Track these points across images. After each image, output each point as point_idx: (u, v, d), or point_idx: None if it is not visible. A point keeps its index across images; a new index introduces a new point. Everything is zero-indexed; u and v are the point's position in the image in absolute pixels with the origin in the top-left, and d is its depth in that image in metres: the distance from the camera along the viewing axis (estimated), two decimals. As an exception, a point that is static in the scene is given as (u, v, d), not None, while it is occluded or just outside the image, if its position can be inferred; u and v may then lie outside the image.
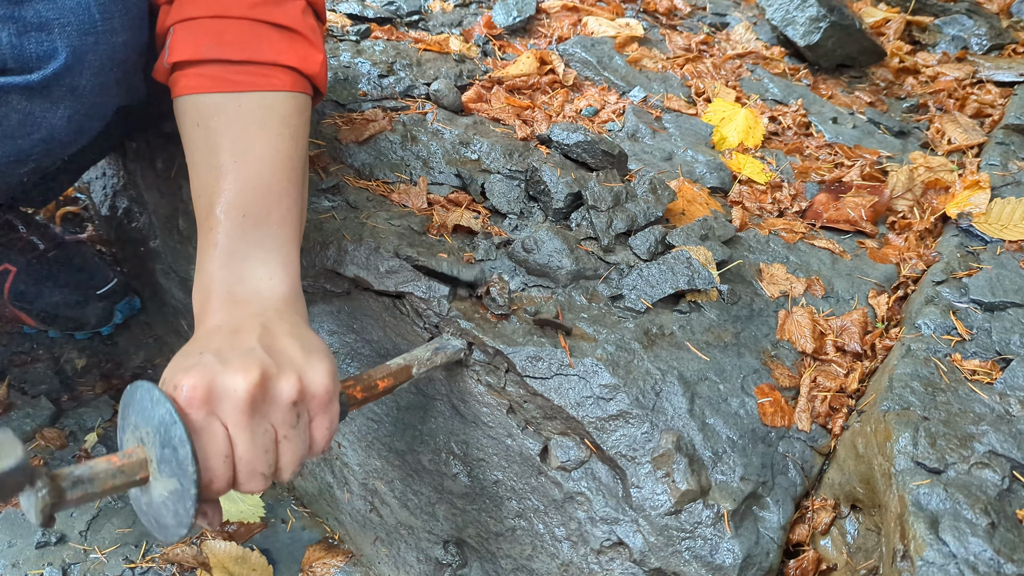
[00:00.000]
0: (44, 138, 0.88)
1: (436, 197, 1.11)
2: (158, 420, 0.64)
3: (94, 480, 0.61)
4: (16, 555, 1.11)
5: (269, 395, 0.68)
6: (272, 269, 0.79)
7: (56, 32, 0.81)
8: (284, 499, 1.26)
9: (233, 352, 0.69)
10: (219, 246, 0.79)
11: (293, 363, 0.71)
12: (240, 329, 0.73)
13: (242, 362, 0.67)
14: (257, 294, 0.78)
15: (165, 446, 0.63)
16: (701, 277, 1.00)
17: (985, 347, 0.98)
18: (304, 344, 0.74)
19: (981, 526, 0.75)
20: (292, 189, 0.83)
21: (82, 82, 0.85)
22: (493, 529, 0.98)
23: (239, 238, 0.79)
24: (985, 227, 1.20)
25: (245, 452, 0.67)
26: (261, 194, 0.81)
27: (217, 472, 0.66)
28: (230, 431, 0.66)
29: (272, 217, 0.81)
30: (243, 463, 0.67)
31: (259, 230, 0.80)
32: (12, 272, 1.32)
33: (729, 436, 0.89)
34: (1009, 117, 1.55)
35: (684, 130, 1.43)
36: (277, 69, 0.85)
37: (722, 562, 0.82)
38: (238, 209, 0.80)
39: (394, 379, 0.85)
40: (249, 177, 0.81)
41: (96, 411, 1.31)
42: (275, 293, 0.79)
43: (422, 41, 1.51)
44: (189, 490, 0.63)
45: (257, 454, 0.68)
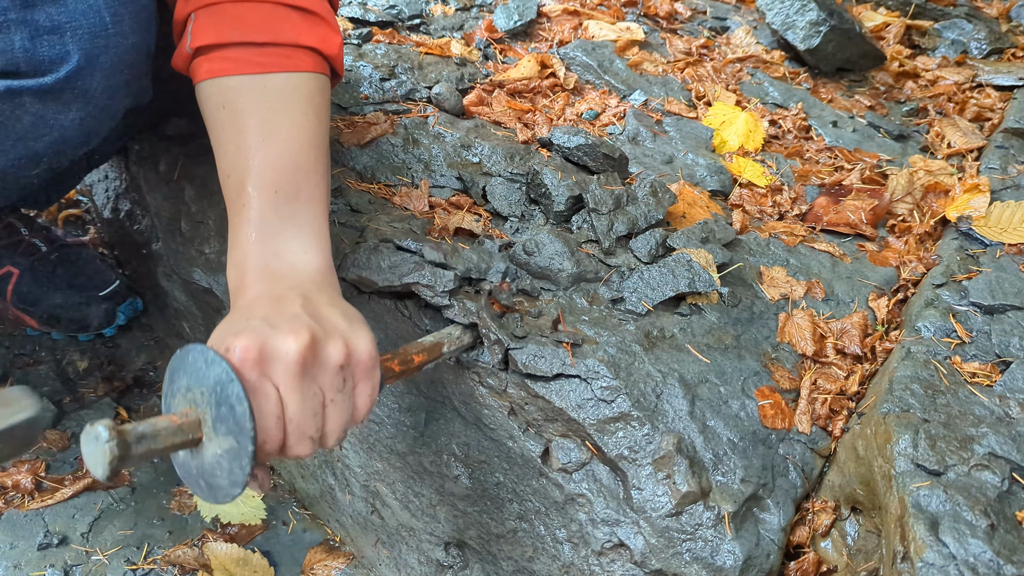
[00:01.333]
0: (56, 140, 0.89)
1: (437, 200, 1.12)
2: (214, 380, 0.65)
3: (156, 437, 0.62)
4: (18, 557, 1.12)
5: (319, 358, 0.70)
6: (306, 243, 0.81)
7: (68, 35, 0.81)
8: (285, 501, 1.26)
9: (281, 317, 0.70)
10: (252, 221, 0.81)
11: (338, 329, 0.72)
12: (282, 298, 0.74)
13: (291, 325, 0.69)
14: (293, 267, 0.79)
15: (222, 404, 0.64)
16: (702, 280, 1.01)
17: (985, 350, 0.99)
18: (345, 313, 0.76)
19: (981, 528, 0.75)
20: (319, 167, 0.85)
21: (93, 84, 0.85)
22: (494, 531, 0.98)
23: (272, 213, 0.81)
24: (985, 230, 1.21)
25: (296, 414, 0.68)
26: (290, 171, 0.83)
27: (270, 432, 0.67)
28: (281, 392, 0.67)
29: (302, 193, 0.83)
30: (293, 424, 0.68)
31: (290, 206, 0.82)
32: (15, 274, 1.32)
33: (730, 438, 0.90)
34: (1008, 121, 1.56)
35: (685, 133, 1.43)
36: (299, 50, 0.87)
37: (723, 564, 0.83)
38: (270, 186, 0.81)
39: (427, 355, 0.87)
40: (278, 155, 0.82)
41: (98, 413, 1.31)
42: (311, 266, 0.80)
43: (423, 45, 1.52)
44: (247, 447, 0.64)
45: (307, 416, 0.69)
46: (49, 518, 1.17)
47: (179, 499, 1.22)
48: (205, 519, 1.20)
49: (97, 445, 0.59)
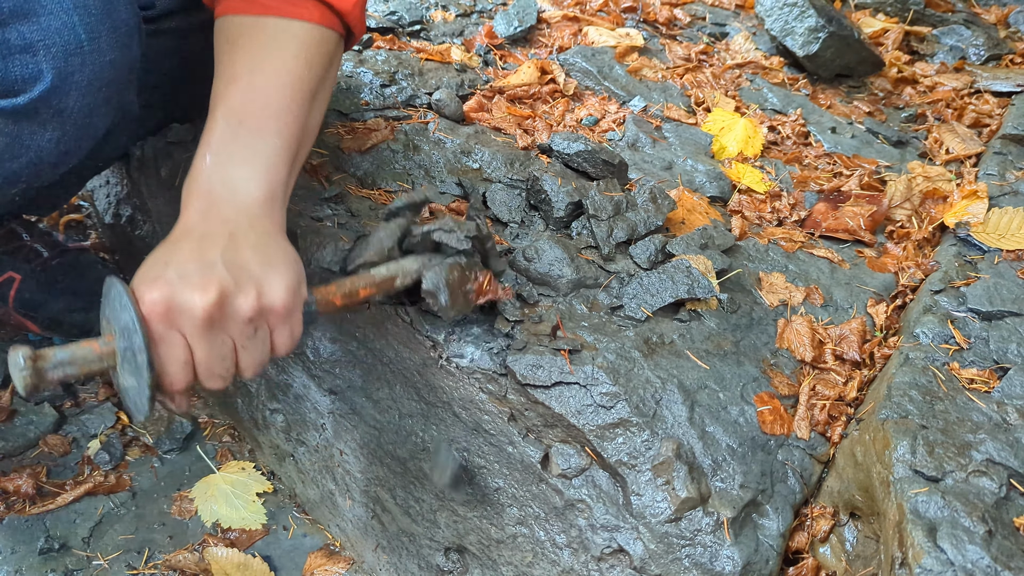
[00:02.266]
0: (32, 160, 0.89)
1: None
2: (123, 324, 0.71)
3: (74, 363, 0.70)
4: (19, 561, 1.12)
5: (226, 311, 0.73)
6: (253, 172, 0.83)
7: (41, 54, 0.80)
8: (286, 506, 1.26)
9: (195, 266, 0.73)
10: (211, 146, 0.83)
11: (252, 278, 0.75)
12: (207, 236, 0.77)
13: (201, 279, 0.72)
14: (233, 194, 0.81)
15: (127, 348, 0.71)
16: (701, 286, 1.01)
17: (983, 356, 0.99)
18: (268, 258, 0.78)
19: (979, 534, 0.76)
20: (294, 108, 0.87)
21: (69, 104, 0.84)
22: (494, 536, 0.99)
23: (231, 141, 0.83)
24: (983, 236, 1.21)
25: (203, 359, 0.74)
26: (260, 106, 0.85)
27: (175, 376, 0.74)
28: (189, 341, 0.73)
29: (267, 128, 0.85)
30: (202, 367, 0.74)
31: (252, 137, 0.84)
32: (17, 280, 1.32)
33: (729, 444, 0.90)
34: (1007, 127, 1.57)
35: (684, 140, 1.44)
36: (309, 1, 0.90)
37: (722, 569, 0.83)
38: (236, 115, 0.84)
39: (377, 289, 0.88)
40: (254, 89, 0.85)
41: (99, 417, 1.32)
42: (251, 197, 0.82)
43: (424, 51, 1.53)
44: (144, 391, 0.72)
45: (214, 361, 0.74)
46: (50, 523, 1.17)
47: (180, 504, 1.23)
48: (206, 524, 1.20)
49: (16, 371, 0.67)
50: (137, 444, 1.31)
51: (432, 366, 0.98)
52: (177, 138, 1.24)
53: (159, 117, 1.26)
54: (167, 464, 1.29)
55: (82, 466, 1.25)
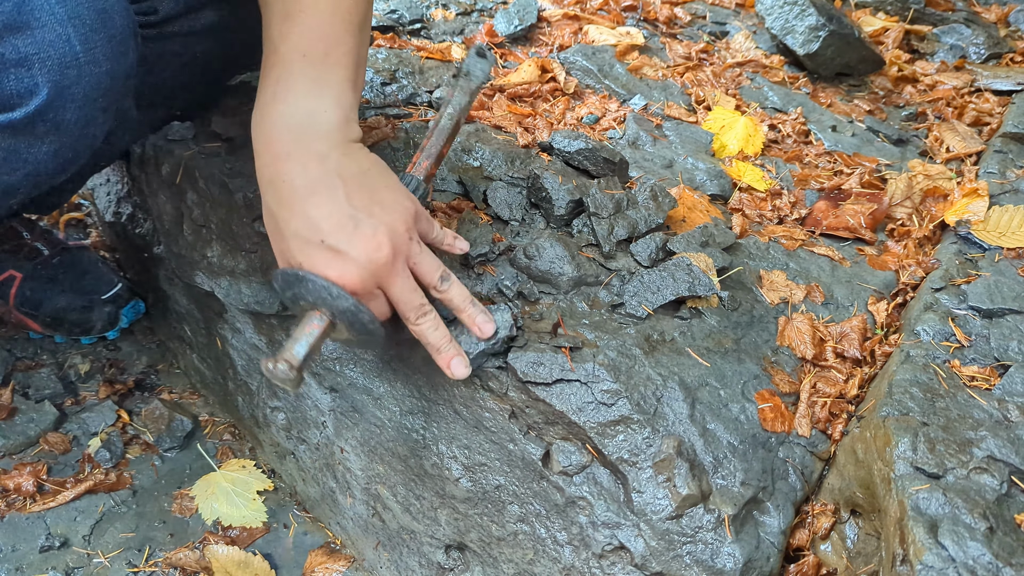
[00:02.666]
0: (30, 173, 0.88)
1: (438, 204, 1.12)
2: (344, 309, 0.82)
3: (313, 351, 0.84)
4: (20, 560, 1.12)
5: (396, 247, 0.84)
6: (327, 103, 0.87)
7: (36, 67, 0.80)
8: (286, 504, 1.26)
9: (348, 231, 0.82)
10: (278, 82, 0.87)
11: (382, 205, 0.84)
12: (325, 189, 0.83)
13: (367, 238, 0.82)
14: (315, 126, 0.86)
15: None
16: (702, 283, 1.01)
17: (984, 353, 0.99)
18: (374, 180, 0.86)
19: (980, 530, 0.76)
20: (349, 39, 0.90)
21: (66, 116, 0.84)
22: (495, 533, 0.99)
23: (299, 74, 0.87)
24: (983, 234, 1.21)
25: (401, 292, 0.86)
26: (319, 38, 0.88)
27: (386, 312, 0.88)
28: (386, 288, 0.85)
29: (329, 59, 0.88)
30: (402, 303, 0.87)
31: (315, 69, 0.87)
32: (17, 278, 1.33)
33: (730, 441, 0.90)
34: (1007, 125, 1.56)
35: (684, 138, 1.44)
36: None
37: (723, 566, 0.83)
38: (298, 51, 0.87)
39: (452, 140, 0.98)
40: (311, 23, 0.88)
41: (99, 416, 1.32)
42: (332, 124, 0.86)
43: (424, 49, 1.53)
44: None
45: (408, 292, 0.86)
46: (51, 521, 1.17)
47: (180, 502, 1.23)
48: (206, 522, 1.20)
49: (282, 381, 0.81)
50: (137, 442, 1.31)
51: (432, 363, 0.98)
52: (178, 136, 1.24)
53: (161, 116, 1.26)
54: (168, 462, 1.29)
55: (83, 464, 1.25)
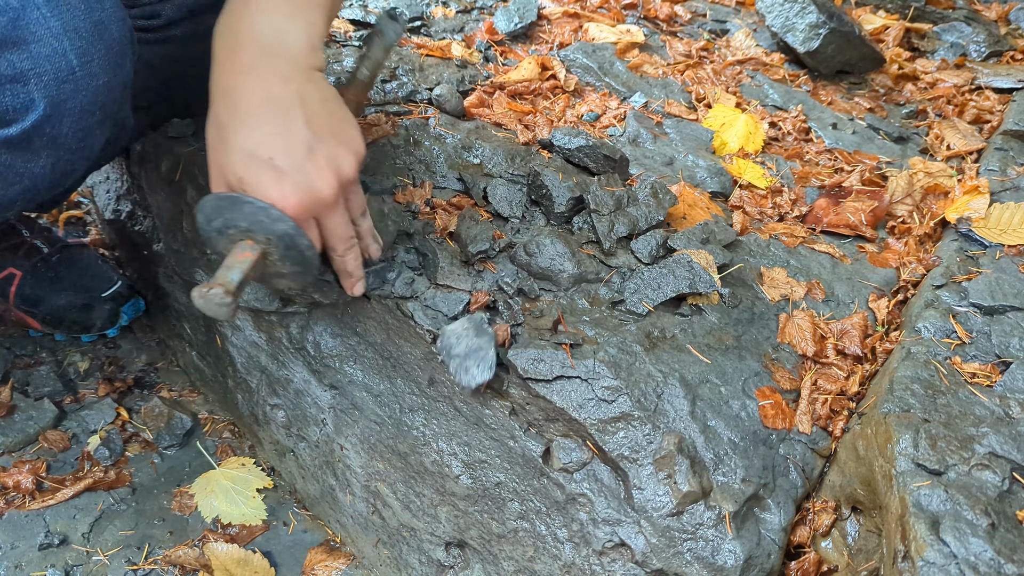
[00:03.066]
0: (27, 187, 0.88)
1: (439, 201, 1.12)
2: (282, 232, 0.82)
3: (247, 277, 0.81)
4: (19, 557, 1.12)
5: (342, 182, 0.84)
6: (297, 25, 0.85)
7: (32, 83, 0.79)
8: (286, 502, 1.26)
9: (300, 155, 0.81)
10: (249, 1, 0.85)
11: (338, 139, 0.84)
12: (282, 105, 0.81)
13: (317, 168, 0.81)
14: (283, 46, 0.84)
15: (290, 248, 0.83)
16: (702, 280, 1.01)
17: (985, 350, 0.99)
18: (334, 111, 0.86)
19: (982, 527, 0.75)
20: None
21: (63, 130, 0.83)
22: (495, 531, 0.98)
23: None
24: (984, 232, 1.21)
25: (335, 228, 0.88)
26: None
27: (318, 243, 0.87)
28: (322, 220, 0.86)
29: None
30: (340, 238, 0.89)
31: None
32: (17, 276, 1.32)
33: (730, 438, 0.90)
34: (1008, 123, 1.56)
35: (685, 135, 1.44)
36: None
37: (724, 563, 0.83)
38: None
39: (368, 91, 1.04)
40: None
41: (99, 413, 1.31)
42: (299, 46, 0.85)
43: (424, 47, 1.52)
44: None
45: (342, 225, 0.88)
46: (50, 518, 1.17)
47: (180, 499, 1.22)
48: (206, 519, 1.20)
49: (216, 307, 0.79)
50: (137, 440, 1.31)
51: (433, 360, 0.98)
52: (177, 133, 1.24)
53: (160, 115, 1.26)
54: (167, 460, 1.29)
55: (82, 462, 1.25)
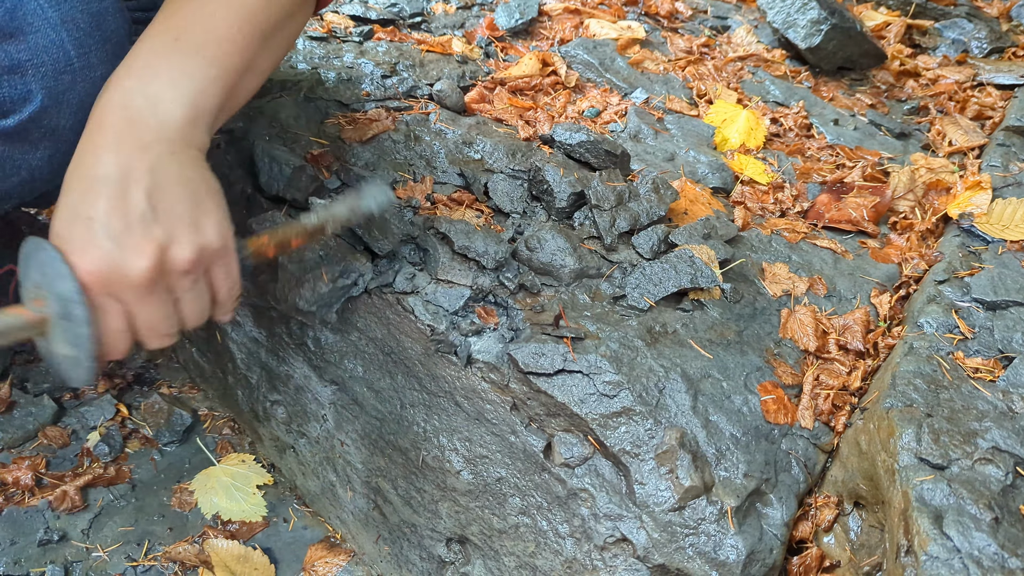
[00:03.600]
0: (25, 179, 0.87)
1: (440, 196, 1.12)
2: (61, 293, 0.67)
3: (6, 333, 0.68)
4: (18, 553, 1.11)
5: (165, 268, 0.70)
6: (179, 93, 0.75)
7: (30, 74, 0.78)
8: (286, 498, 1.25)
9: (123, 222, 0.68)
10: (138, 59, 0.76)
11: (183, 221, 0.71)
12: (128, 175, 0.70)
13: (136, 242, 0.68)
14: (154, 113, 0.73)
15: (64, 318, 0.67)
16: (704, 275, 1.00)
17: (987, 345, 0.98)
18: (194, 194, 0.73)
19: (985, 521, 0.75)
20: (240, 40, 0.80)
21: (61, 122, 0.82)
22: (496, 526, 0.98)
23: (161, 57, 0.76)
24: (987, 227, 1.21)
25: (147, 319, 0.71)
26: (203, 28, 0.78)
27: (115, 344, 0.71)
28: (130, 308, 0.70)
29: (204, 51, 0.77)
30: (145, 327, 0.72)
31: (184, 56, 0.76)
32: (17, 273, 1.32)
33: (732, 433, 0.89)
34: (1010, 119, 1.56)
35: (686, 131, 1.43)
36: None
37: (726, 558, 0.82)
38: (172, 32, 0.77)
39: (308, 238, 0.87)
40: (201, 11, 0.79)
41: (98, 409, 1.31)
42: (173, 117, 0.74)
43: (425, 42, 1.52)
44: (83, 362, 0.69)
45: (159, 319, 0.72)
46: (49, 515, 1.17)
47: (180, 496, 1.22)
48: (206, 516, 1.19)
49: None
50: (137, 436, 1.30)
51: (434, 355, 0.98)
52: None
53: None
54: (167, 456, 1.28)
55: (81, 458, 1.24)
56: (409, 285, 1.00)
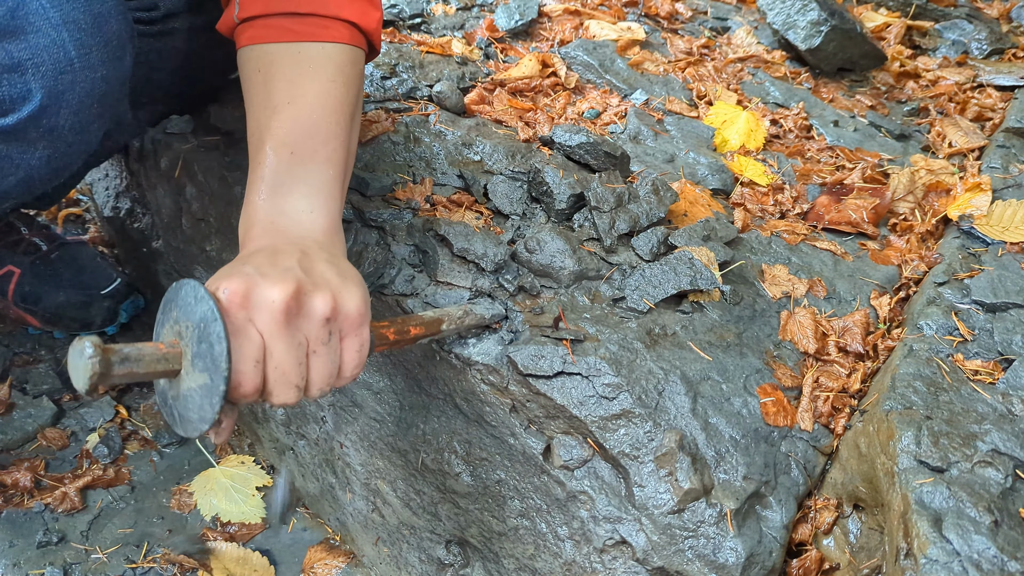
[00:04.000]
0: (23, 179, 0.87)
1: (439, 197, 1.12)
2: (199, 316, 0.66)
3: (140, 360, 0.64)
4: (17, 555, 1.11)
5: (303, 309, 0.70)
6: (314, 203, 0.82)
7: (30, 73, 0.78)
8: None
9: (273, 268, 0.71)
10: (265, 180, 0.82)
11: (328, 283, 0.73)
12: (280, 251, 0.75)
13: (280, 275, 0.70)
14: (298, 225, 0.81)
15: (202, 341, 0.66)
16: (703, 277, 1.00)
17: (987, 347, 0.98)
18: (341, 271, 0.76)
19: (984, 524, 0.75)
20: (340, 132, 0.87)
21: (60, 122, 0.83)
22: (496, 528, 0.98)
23: (285, 173, 0.82)
24: (986, 229, 1.21)
25: (280, 360, 0.69)
26: (309, 134, 0.84)
27: (246, 376, 0.68)
28: (265, 339, 0.69)
29: (318, 155, 0.84)
30: (277, 372, 0.69)
31: (304, 167, 0.83)
32: (16, 274, 1.32)
33: (732, 435, 0.89)
34: (1009, 120, 1.56)
35: (686, 132, 1.43)
36: (337, 22, 0.89)
37: (725, 561, 0.82)
38: (286, 147, 0.83)
39: (425, 329, 0.87)
40: (299, 118, 0.84)
41: (98, 411, 1.31)
42: (316, 225, 0.82)
43: (424, 44, 1.52)
44: (219, 387, 0.65)
45: (290, 364, 0.70)
46: (48, 516, 1.17)
47: (179, 498, 1.22)
48: (205, 518, 1.19)
49: (81, 359, 0.60)
50: (136, 438, 1.30)
51: (433, 358, 0.98)
52: (177, 130, 1.24)
53: (160, 111, 1.26)
54: (166, 458, 1.29)
55: (81, 460, 1.24)
56: (408, 287, 1.00)
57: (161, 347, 0.67)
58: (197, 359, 0.66)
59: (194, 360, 0.67)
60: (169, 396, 0.70)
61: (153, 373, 0.66)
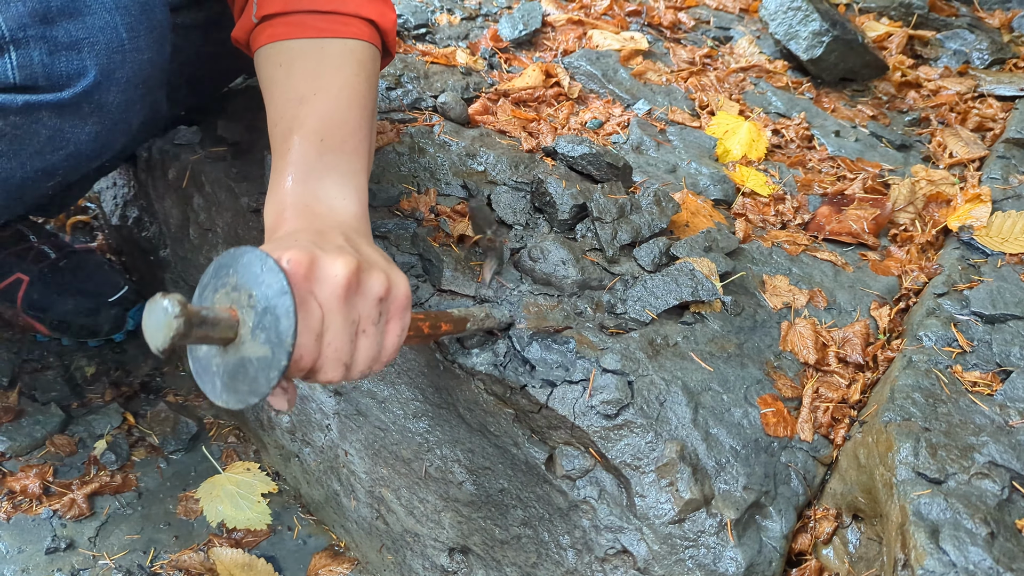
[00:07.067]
0: (71, 153, 0.92)
1: (443, 208, 1.13)
2: (267, 287, 0.64)
3: (216, 325, 0.62)
4: (26, 561, 1.13)
5: (362, 286, 0.71)
6: (345, 191, 0.84)
7: (86, 51, 0.84)
8: (290, 507, 1.27)
9: (328, 244, 0.72)
10: (296, 165, 0.83)
11: (380, 264, 0.74)
12: (324, 232, 0.76)
13: (340, 251, 0.71)
14: (331, 210, 0.82)
15: (268, 313, 0.64)
16: (705, 288, 1.01)
17: (986, 359, 0.99)
18: (385, 257, 0.78)
19: (981, 535, 0.76)
20: (364, 125, 0.89)
21: (109, 99, 0.88)
22: (498, 537, 0.99)
23: (316, 160, 0.84)
24: (986, 240, 1.22)
25: (335, 336, 0.69)
26: (337, 124, 0.86)
27: (307, 349, 0.68)
28: (324, 312, 0.69)
29: (347, 145, 0.86)
30: (331, 347, 0.69)
31: (334, 155, 0.85)
32: (25, 281, 1.33)
33: (732, 446, 0.90)
34: (1010, 131, 1.57)
35: (688, 143, 1.45)
36: (358, 20, 0.92)
37: (725, 571, 0.83)
38: (316, 134, 0.85)
39: (454, 326, 0.89)
40: (327, 108, 0.86)
41: (105, 418, 1.32)
42: (348, 212, 0.83)
43: (429, 54, 1.53)
44: (280, 361, 0.63)
45: (344, 340, 0.70)
46: (56, 523, 1.18)
47: (185, 504, 1.23)
48: (211, 524, 1.21)
49: (165, 317, 0.57)
50: (143, 444, 1.32)
51: (437, 367, 0.99)
52: (184, 140, 1.25)
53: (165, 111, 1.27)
54: (173, 464, 1.30)
55: (88, 466, 1.26)
56: (413, 297, 1.01)
57: (234, 314, 0.64)
58: (259, 331, 0.64)
59: (255, 331, 0.64)
60: (215, 364, 0.67)
61: (216, 339, 0.64)
